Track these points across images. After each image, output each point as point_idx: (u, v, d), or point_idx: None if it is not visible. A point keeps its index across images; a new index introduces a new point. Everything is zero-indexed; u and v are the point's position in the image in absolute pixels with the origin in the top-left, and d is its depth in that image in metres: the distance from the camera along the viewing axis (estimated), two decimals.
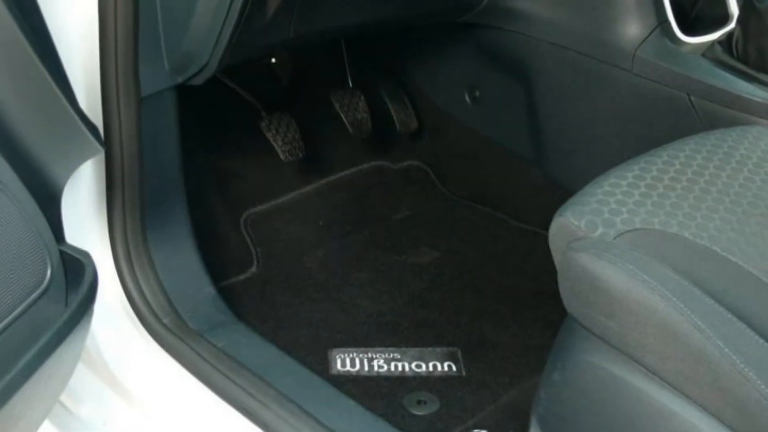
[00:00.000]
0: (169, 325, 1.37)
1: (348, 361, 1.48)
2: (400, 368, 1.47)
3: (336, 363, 1.48)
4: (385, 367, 1.47)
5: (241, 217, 1.80)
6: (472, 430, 1.35)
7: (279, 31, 1.45)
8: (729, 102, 1.41)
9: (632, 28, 1.52)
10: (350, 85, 2.00)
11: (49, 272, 0.99)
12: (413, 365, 1.48)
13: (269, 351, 1.41)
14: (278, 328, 1.54)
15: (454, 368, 1.48)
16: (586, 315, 0.93)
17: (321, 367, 1.45)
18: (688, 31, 1.56)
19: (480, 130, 1.93)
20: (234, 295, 1.60)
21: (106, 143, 1.29)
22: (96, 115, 1.27)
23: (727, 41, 1.52)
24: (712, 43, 1.54)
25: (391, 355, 1.50)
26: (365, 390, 1.42)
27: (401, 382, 1.44)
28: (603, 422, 0.94)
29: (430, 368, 1.47)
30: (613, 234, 0.95)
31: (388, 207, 1.95)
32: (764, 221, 0.99)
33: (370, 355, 1.50)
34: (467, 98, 1.92)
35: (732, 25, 1.58)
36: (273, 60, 1.97)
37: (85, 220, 1.36)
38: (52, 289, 1.00)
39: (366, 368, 1.47)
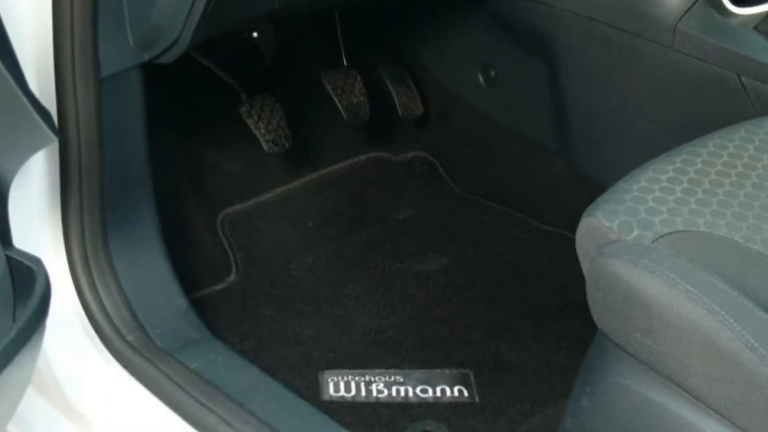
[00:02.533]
0: (133, 342, 1.37)
1: (342, 384, 1.48)
2: (402, 393, 1.47)
3: (328, 387, 1.48)
4: (386, 392, 1.47)
5: (218, 217, 1.80)
6: None
7: None
8: None
9: None
10: (345, 63, 2.00)
11: None
12: (418, 390, 1.48)
13: (250, 373, 1.41)
14: (261, 347, 1.54)
15: (465, 393, 1.48)
16: (619, 331, 0.93)
17: (311, 392, 1.46)
18: (738, 1, 1.56)
19: (496, 115, 1.93)
20: (209, 309, 1.61)
21: (61, 131, 1.29)
22: (49, 99, 1.27)
23: None
24: (766, 14, 1.53)
25: (393, 378, 1.50)
26: (362, 418, 1.42)
27: (404, 409, 1.44)
28: None
29: (438, 393, 1.47)
30: (650, 237, 0.95)
31: (389, 205, 1.95)
32: None
33: (367, 377, 1.50)
34: (481, 79, 1.92)
35: None
36: (255, 34, 1.97)
37: (36, 221, 1.36)
38: None
39: (363, 393, 1.47)
